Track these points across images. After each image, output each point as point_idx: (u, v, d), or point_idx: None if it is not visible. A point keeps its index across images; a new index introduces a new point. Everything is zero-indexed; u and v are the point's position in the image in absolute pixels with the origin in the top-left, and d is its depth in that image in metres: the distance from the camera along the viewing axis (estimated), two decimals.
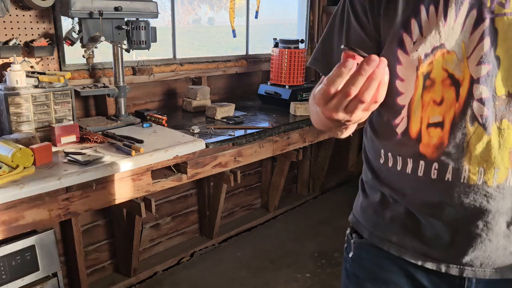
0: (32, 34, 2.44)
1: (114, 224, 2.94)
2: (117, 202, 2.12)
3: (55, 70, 2.56)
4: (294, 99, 3.24)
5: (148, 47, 2.59)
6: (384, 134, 1.05)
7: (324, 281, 3.08)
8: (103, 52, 2.68)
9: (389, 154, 1.04)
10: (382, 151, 1.05)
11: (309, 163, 4.37)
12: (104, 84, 2.67)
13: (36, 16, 2.44)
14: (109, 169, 2.00)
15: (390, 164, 1.04)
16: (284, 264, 3.25)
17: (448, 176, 0.93)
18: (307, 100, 3.26)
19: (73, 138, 2.24)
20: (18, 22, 2.38)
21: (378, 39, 1.01)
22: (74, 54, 2.63)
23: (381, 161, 1.06)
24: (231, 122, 2.82)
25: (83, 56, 2.42)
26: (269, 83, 3.47)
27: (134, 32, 2.52)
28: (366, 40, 1.02)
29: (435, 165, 0.94)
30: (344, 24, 1.06)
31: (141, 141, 2.26)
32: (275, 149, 2.85)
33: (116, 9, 2.39)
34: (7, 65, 2.32)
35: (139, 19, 2.54)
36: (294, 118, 3.01)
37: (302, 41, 3.41)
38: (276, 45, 3.40)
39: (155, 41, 2.64)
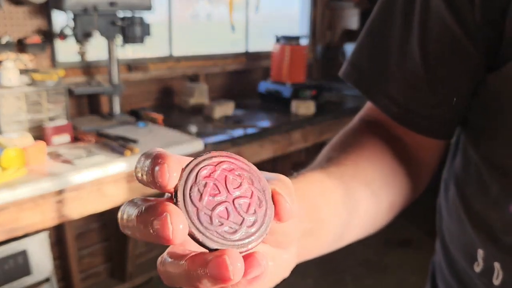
0: (26, 31, 2.38)
1: (109, 227, 2.89)
2: (111, 204, 2.07)
3: (47, 67, 2.49)
4: (296, 97, 3.17)
5: (142, 42, 2.56)
6: (489, 222, 0.59)
7: (327, 287, 3.01)
8: (97, 49, 2.62)
9: (497, 264, 0.58)
10: (481, 252, 0.60)
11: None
12: (99, 82, 2.61)
13: (29, 12, 2.38)
14: (103, 170, 1.96)
15: (498, 282, 0.59)
16: None
17: None
18: (309, 98, 3.19)
19: (66, 138, 2.20)
20: (11, 18, 2.33)
21: (492, 41, 0.55)
22: (67, 51, 2.57)
23: (477, 269, 0.61)
24: (230, 121, 2.76)
25: (78, 53, 2.37)
26: (269, 81, 3.40)
27: (129, 28, 2.47)
28: (461, 39, 0.56)
29: None
30: (414, 7, 0.60)
31: (135, 141, 2.19)
32: (275, 149, 2.79)
33: (111, 4, 2.34)
34: None
35: (134, 15, 2.50)
36: (295, 117, 2.95)
37: (304, 37, 3.35)
38: (277, 41, 3.34)
39: (148, 35, 2.60)
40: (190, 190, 0.31)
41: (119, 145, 2.11)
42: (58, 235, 2.64)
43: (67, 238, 2.59)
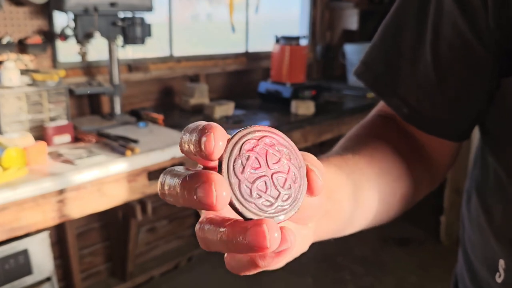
0: (26, 31, 2.38)
1: (109, 227, 2.89)
2: (112, 204, 2.07)
3: (48, 67, 2.50)
4: (295, 97, 3.17)
5: (143, 42, 2.56)
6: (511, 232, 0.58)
7: (326, 286, 3.01)
8: (97, 50, 2.62)
9: None
10: (502, 262, 0.59)
11: None
12: (100, 82, 2.61)
13: (30, 12, 2.38)
14: (104, 170, 1.95)
15: None
16: (285, 269, 3.17)
17: None
18: (308, 98, 3.20)
19: (67, 138, 2.19)
20: (12, 19, 2.33)
21: (505, 47, 0.55)
22: (68, 52, 2.58)
23: (499, 280, 0.60)
24: (230, 121, 2.76)
25: (78, 53, 2.37)
26: (269, 81, 3.40)
27: (130, 29, 2.47)
28: (473, 43, 0.56)
29: None
30: (428, 9, 0.60)
31: (136, 141, 2.19)
32: None
33: (111, 4, 2.34)
34: (0, 63, 2.27)
35: (135, 15, 2.50)
36: (295, 117, 2.95)
37: (304, 37, 3.35)
38: (277, 42, 3.34)
39: (149, 35, 2.60)
40: (234, 162, 0.33)
41: (119, 145, 2.11)
42: (59, 234, 2.63)
43: (68, 238, 2.59)
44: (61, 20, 2.48)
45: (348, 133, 0.69)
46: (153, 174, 2.20)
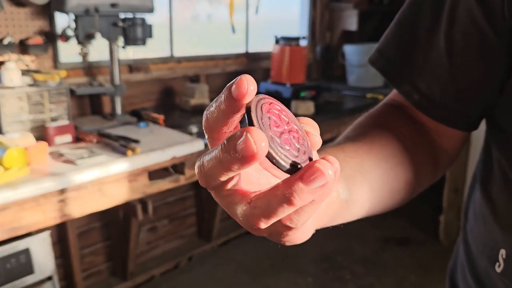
0: (28, 32, 2.39)
1: (110, 227, 2.89)
2: (113, 203, 2.08)
3: (49, 68, 2.51)
4: (296, 97, 3.18)
5: (143, 43, 2.57)
6: None
7: (327, 285, 3.02)
8: (98, 50, 2.63)
9: None
10: (503, 252, 0.60)
11: None
12: (100, 82, 2.62)
13: (31, 13, 2.39)
14: (105, 170, 1.96)
15: None
16: (285, 268, 3.19)
17: None
18: (308, 98, 3.21)
19: (68, 138, 2.20)
20: (13, 19, 2.34)
21: None
22: (69, 52, 2.59)
23: (498, 269, 0.60)
24: None
25: (79, 54, 2.38)
26: (269, 81, 3.41)
27: (131, 29, 2.48)
28: (487, 32, 0.56)
29: None
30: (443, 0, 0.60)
31: (137, 141, 2.20)
32: None
33: (112, 5, 2.35)
34: (1, 63, 2.28)
35: (136, 16, 2.50)
36: None
37: (303, 38, 3.35)
38: (277, 42, 3.35)
39: (150, 36, 2.61)
40: (262, 120, 0.34)
41: (120, 145, 2.12)
42: (60, 234, 2.64)
43: (69, 237, 2.59)
44: (62, 20, 2.49)
45: (354, 123, 0.70)
46: (153, 174, 2.21)
